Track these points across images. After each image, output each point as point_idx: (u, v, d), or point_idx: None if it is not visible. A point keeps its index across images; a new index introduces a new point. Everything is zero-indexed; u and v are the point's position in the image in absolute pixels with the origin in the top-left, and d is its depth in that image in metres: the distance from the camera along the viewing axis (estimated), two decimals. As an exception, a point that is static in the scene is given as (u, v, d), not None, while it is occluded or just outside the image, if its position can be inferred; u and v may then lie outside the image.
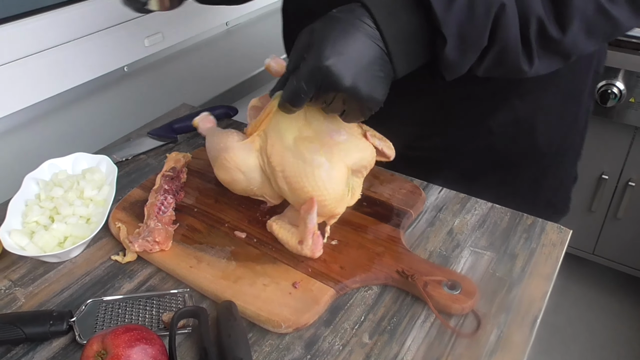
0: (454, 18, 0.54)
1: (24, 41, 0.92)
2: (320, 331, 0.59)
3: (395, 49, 0.56)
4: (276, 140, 0.65)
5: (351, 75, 0.54)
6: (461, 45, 0.56)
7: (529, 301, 0.63)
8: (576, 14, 0.55)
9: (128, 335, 0.51)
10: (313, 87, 0.55)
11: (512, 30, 0.55)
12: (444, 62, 0.57)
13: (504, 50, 0.57)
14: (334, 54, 0.53)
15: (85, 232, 0.70)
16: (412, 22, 0.56)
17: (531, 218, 0.75)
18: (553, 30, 0.56)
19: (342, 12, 0.56)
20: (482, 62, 0.58)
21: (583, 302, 1.96)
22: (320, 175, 0.63)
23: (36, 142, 1.00)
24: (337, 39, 0.54)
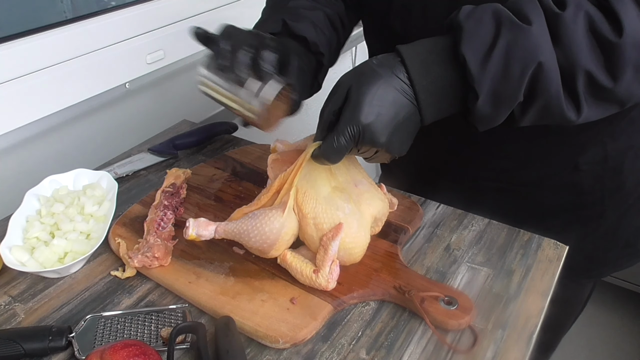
0: (488, 75, 0.55)
1: (26, 59, 0.93)
2: (317, 347, 0.60)
3: (425, 102, 0.58)
4: (308, 189, 0.65)
5: (387, 133, 0.58)
6: (494, 102, 0.57)
7: (525, 317, 0.63)
8: (628, 63, 0.54)
9: (127, 350, 0.52)
10: (352, 143, 0.58)
11: (552, 85, 0.55)
12: (476, 116, 0.59)
13: (546, 104, 0.57)
14: (372, 114, 0.56)
15: (85, 247, 0.71)
16: (446, 77, 0.58)
17: (527, 234, 0.76)
18: (604, 80, 0.55)
19: (380, 66, 0.58)
20: (525, 116, 0.59)
21: (583, 318, 1.95)
22: (353, 222, 0.64)
23: (38, 158, 1.00)
24: (374, 97, 0.56)
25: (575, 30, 0.54)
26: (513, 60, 0.54)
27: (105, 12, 1.06)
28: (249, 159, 0.93)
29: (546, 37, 0.54)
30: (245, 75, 0.63)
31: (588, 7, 0.54)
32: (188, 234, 0.66)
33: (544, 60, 0.54)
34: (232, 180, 0.87)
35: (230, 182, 0.87)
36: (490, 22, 0.55)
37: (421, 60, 0.58)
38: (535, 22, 0.54)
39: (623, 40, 0.53)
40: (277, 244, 0.64)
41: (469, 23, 0.55)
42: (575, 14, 0.54)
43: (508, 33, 0.54)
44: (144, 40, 1.11)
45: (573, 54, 0.54)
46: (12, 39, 0.92)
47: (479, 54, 0.55)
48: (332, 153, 0.59)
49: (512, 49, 0.54)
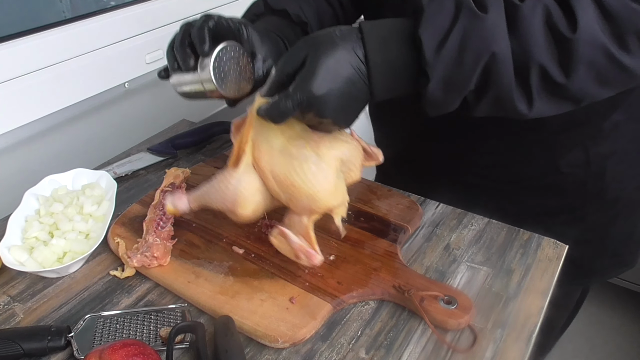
0: (442, 61, 0.55)
1: (25, 59, 0.93)
2: (317, 346, 0.60)
3: (376, 80, 0.58)
4: (262, 143, 0.64)
5: (335, 108, 0.57)
6: (444, 88, 0.56)
7: (525, 316, 0.63)
8: (581, 60, 0.54)
9: (125, 350, 0.52)
10: (298, 109, 0.57)
11: (505, 76, 0.55)
12: (426, 100, 0.58)
13: (498, 95, 0.57)
14: (324, 87, 0.56)
15: (84, 247, 0.71)
16: (400, 57, 0.57)
17: (527, 233, 0.75)
18: (557, 75, 0.55)
19: (342, 39, 0.57)
20: (478, 105, 0.59)
21: (583, 317, 1.95)
22: (310, 168, 0.62)
23: (37, 158, 1.00)
24: (330, 70, 0.56)
25: (532, 22, 0.53)
26: (467, 48, 0.54)
27: (104, 12, 1.06)
28: (248, 159, 0.92)
29: (502, 27, 0.53)
30: (190, 59, 0.65)
31: (547, 1, 0.54)
32: (166, 208, 0.68)
33: (498, 50, 0.53)
34: (231, 180, 0.87)
35: (230, 181, 0.87)
36: (450, 8, 0.55)
37: (380, 38, 0.57)
38: (492, 11, 0.53)
39: (576, 36, 0.52)
40: (239, 201, 0.63)
41: (431, 7, 0.55)
42: (534, 6, 0.53)
43: (465, 20, 0.54)
44: (143, 40, 1.11)
45: (528, 46, 0.54)
46: (11, 39, 0.92)
47: (435, 39, 0.54)
48: (276, 115, 0.58)
49: (467, 37, 0.54)
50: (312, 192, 0.62)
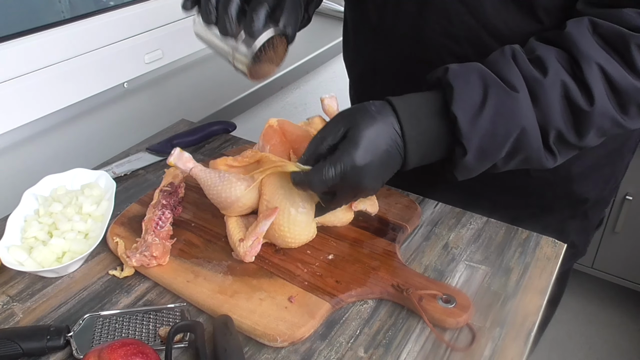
0: (477, 134, 0.60)
1: (24, 59, 0.93)
2: (315, 345, 0.60)
3: (412, 152, 0.62)
4: (273, 175, 0.68)
5: (372, 177, 0.61)
6: (479, 157, 0.61)
7: (523, 315, 0.63)
8: (593, 126, 0.61)
9: (124, 349, 0.52)
10: (338, 178, 0.59)
11: (534, 142, 0.61)
12: (459, 168, 0.63)
13: (527, 157, 0.63)
14: (366, 158, 0.59)
15: (83, 247, 0.71)
16: (433, 130, 0.62)
17: (526, 232, 0.76)
18: (571, 138, 0.62)
19: (378, 114, 0.60)
20: (507, 166, 0.65)
21: (582, 316, 1.96)
22: (301, 221, 0.68)
23: (36, 158, 1.00)
24: (371, 142, 0.59)
25: (552, 95, 0.60)
26: (500, 121, 0.60)
27: (103, 12, 1.06)
28: (247, 158, 0.93)
29: (528, 102, 0.60)
30: (232, 28, 0.63)
31: (565, 77, 0.60)
32: (169, 159, 0.71)
33: (527, 123, 0.60)
34: (230, 180, 0.87)
35: (229, 181, 0.87)
36: (478, 84, 0.60)
37: (412, 111, 0.61)
38: (520, 89, 0.60)
39: (593, 108, 0.60)
40: (231, 209, 0.70)
41: (458, 83, 0.60)
42: (554, 81, 0.60)
43: (495, 97, 0.60)
44: (142, 40, 1.11)
45: (549, 115, 0.60)
46: (10, 39, 0.92)
47: (468, 114, 0.59)
48: (317, 182, 0.60)
49: (499, 112, 0.60)
50: (290, 238, 0.68)
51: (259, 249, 0.68)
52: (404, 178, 0.87)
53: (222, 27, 0.63)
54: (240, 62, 0.65)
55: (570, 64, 0.61)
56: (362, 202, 0.72)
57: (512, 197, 0.88)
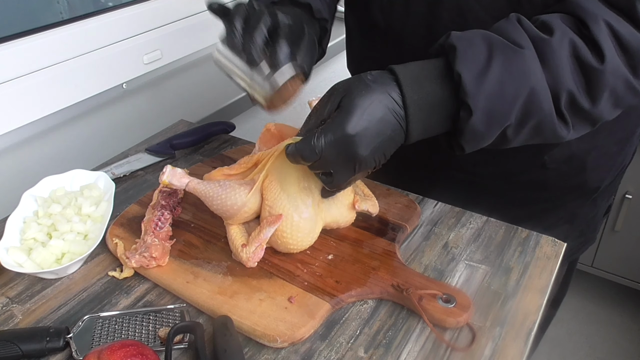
0: (484, 93, 0.56)
1: (23, 60, 0.93)
2: (315, 345, 0.60)
3: (414, 117, 0.58)
4: (275, 179, 0.67)
5: (369, 148, 0.58)
6: (487, 120, 0.58)
7: (523, 314, 0.63)
8: (606, 87, 0.58)
9: (124, 350, 0.52)
10: (329, 147, 0.57)
11: (545, 104, 0.58)
12: (467, 135, 0.59)
13: (539, 123, 0.59)
14: (360, 126, 0.56)
15: (82, 248, 0.71)
16: (437, 93, 0.58)
17: (526, 231, 0.76)
18: (584, 102, 0.59)
19: (375, 82, 0.58)
20: (518, 136, 0.61)
21: (583, 315, 1.96)
22: (305, 228, 0.67)
23: (35, 159, 1.00)
24: (365, 111, 0.57)
25: (561, 55, 0.57)
26: (508, 80, 0.57)
27: (102, 13, 1.06)
28: (246, 159, 0.93)
29: (536, 61, 0.57)
30: (257, 58, 0.63)
31: (572, 35, 0.58)
32: (162, 179, 0.69)
33: (537, 83, 0.57)
34: (229, 180, 0.87)
35: (228, 181, 0.87)
36: (482, 44, 0.58)
37: (414, 76, 0.59)
38: (526, 47, 0.57)
39: (604, 66, 0.57)
40: (237, 216, 0.68)
41: (461, 43, 0.57)
42: (562, 39, 0.57)
43: (501, 55, 0.57)
44: (141, 41, 1.11)
45: (559, 76, 0.57)
46: (9, 40, 0.92)
47: (474, 72, 0.56)
48: (307, 151, 0.58)
49: (506, 70, 0.57)
50: (292, 245, 0.67)
51: (262, 254, 0.67)
52: (403, 177, 0.87)
53: (247, 55, 0.63)
54: (258, 93, 0.65)
55: (576, 24, 0.58)
56: (363, 202, 0.72)
57: (528, 192, 0.86)
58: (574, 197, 0.89)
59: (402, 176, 0.87)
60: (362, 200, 0.72)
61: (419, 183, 0.85)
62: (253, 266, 0.67)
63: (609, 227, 1.82)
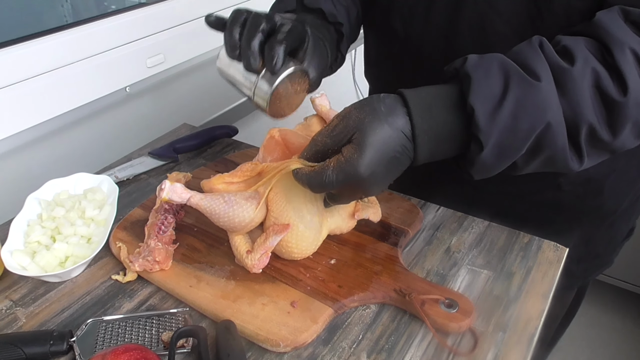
0: (497, 128, 0.55)
1: (27, 63, 0.93)
2: (318, 350, 0.60)
3: (422, 147, 0.57)
4: (281, 191, 0.66)
5: (376, 187, 0.58)
6: (498, 154, 0.56)
7: (525, 319, 0.63)
8: (629, 120, 0.56)
9: (127, 355, 0.52)
10: (339, 185, 0.57)
11: (559, 139, 0.56)
12: (477, 166, 0.58)
13: (551, 156, 0.58)
14: (372, 167, 0.56)
15: (86, 251, 0.71)
16: (447, 124, 0.57)
17: (528, 236, 0.76)
18: (605, 135, 0.57)
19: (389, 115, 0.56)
20: (528, 166, 0.59)
21: (585, 319, 1.95)
22: (309, 237, 0.67)
23: (38, 162, 1.01)
24: (377, 150, 0.55)
25: (582, 85, 0.55)
26: (522, 115, 0.55)
27: (106, 16, 1.07)
28: (249, 162, 0.93)
29: (554, 94, 0.55)
30: (254, 62, 0.62)
31: (595, 64, 0.55)
32: (161, 195, 0.67)
33: (553, 116, 0.55)
34: (232, 184, 0.88)
35: (231, 185, 0.87)
36: (498, 75, 0.55)
37: (424, 105, 0.57)
38: (544, 79, 0.55)
39: (627, 98, 0.54)
40: (244, 230, 0.68)
41: (477, 73, 0.55)
42: (584, 69, 0.55)
43: (517, 88, 0.55)
44: (144, 44, 1.11)
45: (579, 108, 0.55)
46: (13, 44, 0.92)
47: (488, 106, 0.55)
48: (317, 185, 0.58)
49: (521, 105, 0.55)
50: (296, 253, 0.68)
51: (267, 261, 0.67)
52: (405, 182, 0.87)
53: (245, 61, 0.62)
54: (260, 98, 0.64)
55: (600, 51, 0.56)
56: (365, 210, 0.72)
57: (541, 212, 0.85)
58: (590, 220, 0.86)
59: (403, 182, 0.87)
60: (363, 208, 0.72)
61: (422, 190, 0.85)
62: (258, 272, 0.67)
63: (610, 232, 1.82)
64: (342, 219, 0.71)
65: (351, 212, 0.71)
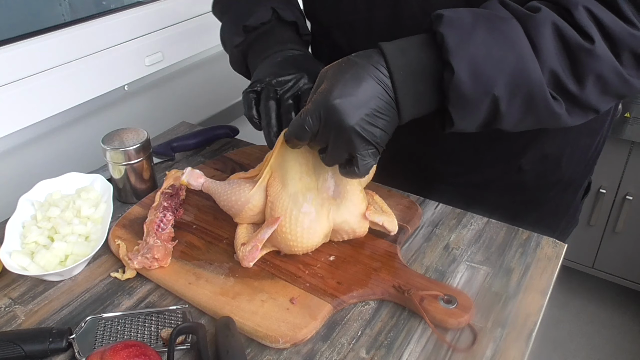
0: (466, 51, 0.55)
1: (25, 62, 0.93)
2: (317, 346, 0.60)
3: (401, 84, 0.57)
4: (278, 174, 0.68)
5: (355, 115, 0.56)
6: (472, 82, 0.56)
7: (524, 315, 0.63)
8: (592, 71, 0.57)
9: (127, 351, 0.52)
10: (317, 122, 0.58)
11: (534, 76, 0.56)
12: (453, 98, 0.57)
13: (531, 95, 0.57)
14: (342, 95, 0.56)
15: (85, 249, 0.71)
16: (422, 59, 0.58)
17: (526, 233, 0.76)
18: (570, 84, 0.57)
19: (359, 57, 0.58)
20: (511, 109, 0.58)
21: (584, 316, 1.96)
22: (303, 222, 0.66)
23: (36, 162, 1.01)
24: (347, 81, 0.56)
25: (545, 32, 0.56)
26: (493, 44, 0.55)
27: (104, 15, 1.07)
28: (248, 160, 0.93)
29: (521, 30, 0.56)
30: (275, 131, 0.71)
31: (556, 19, 0.56)
32: (181, 179, 0.75)
33: (524, 48, 0.55)
34: (231, 181, 0.88)
35: (230, 183, 0.87)
36: (467, 13, 0.57)
37: (398, 46, 0.58)
38: (510, 18, 0.56)
39: (594, 47, 0.56)
40: (242, 214, 0.70)
41: (448, 12, 0.57)
42: (546, 18, 0.56)
43: (486, 22, 0.56)
44: (143, 43, 1.11)
45: (542, 53, 0.56)
46: (11, 42, 0.92)
47: (458, 33, 0.55)
48: (296, 130, 0.59)
49: (492, 35, 0.55)
50: (292, 243, 0.67)
51: (258, 255, 0.67)
52: (404, 178, 0.88)
53: (267, 139, 0.70)
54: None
55: (559, 12, 0.57)
56: (378, 215, 0.70)
57: (510, 195, 0.88)
58: (555, 193, 0.90)
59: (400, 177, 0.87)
60: (376, 212, 0.71)
61: (420, 185, 0.86)
62: (248, 266, 0.67)
63: (609, 229, 1.83)
64: (351, 214, 0.69)
65: (362, 209, 0.69)
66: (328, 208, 0.68)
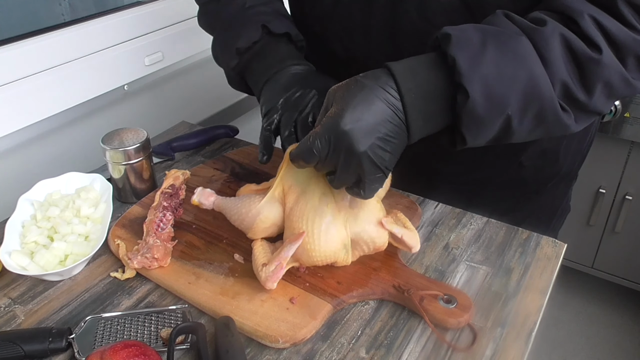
0: (479, 73, 0.55)
1: (25, 62, 0.93)
2: (317, 346, 0.60)
3: (411, 106, 0.56)
4: (292, 187, 0.66)
5: (367, 140, 0.55)
6: (486, 103, 0.56)
7: (524, 315, 0.63)
8: (600, 79, 0.58)
9: (126, 351, 0.52)
10: (327, 146, 0.57)
11: (545, 91, 0.56)
12: (466, 119, 0.57)
13: (542, 110, 0.57)
14: (352, 120, 0.55)
15: (85, 249, 0.71)
16: (432, 81, 0.57)
17: (526, 232, 0.76)
18: (579, 94, 0.58)
19: (367, 78, 0.57)
20: (522, 124, 0.58)
21: (583, 316, 1.96)
22: (320, 224, 0.64)
23: (35, 162, 1.00)
24: (357, 105, 0.56)
25: (553, 45, 0.56)
26: (504, 62, 0.55)
27: (104, 15, 1.07)
28: (247, 160, 0.93)
29: (530, 46, 0.56)
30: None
31: (563, 30, 0.57)
32: (192, 199, 0.72)
33: (534, 64, 0.56)
34: (231, 181, 0.88)
35: (230, 182, 0.87)
36: (475, 32, 0.57)
37: (407, 67, 0.57)
38: (518, 34, 0.56)
39: (602, 57, 0.56)
40: (253, 228, 0.68)
41: (455, 32, 0.56)
42: (553, 31, 0.56)
43: (495, 40, 0.56)
44: (143, 42, 1.11)
45: (552, 66, 0.56)
46: (10, 42, 0.92)
47: (468, 54, 0.55)
48: (306, 151, 0.58)
49: (502, 53, 0.55)
50: (309, 247, 0.64)
51: (282, 275, 0.64)
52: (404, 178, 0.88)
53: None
54: None
55: (564, 21, 0.57)
56: (397, 225, 0.67)
57: (510, 190, 0.89)
58: (553, 184, 0.91)
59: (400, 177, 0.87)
60: (395, 223, 0.67)
61: (420, 184, 0.86)
62: (272, 287, 0.64)
63: (609, 229, 1.83)
64: (369, 222, 0.66)
65: (379, 217, 0.67)
66: (345, 216, 0.65)
